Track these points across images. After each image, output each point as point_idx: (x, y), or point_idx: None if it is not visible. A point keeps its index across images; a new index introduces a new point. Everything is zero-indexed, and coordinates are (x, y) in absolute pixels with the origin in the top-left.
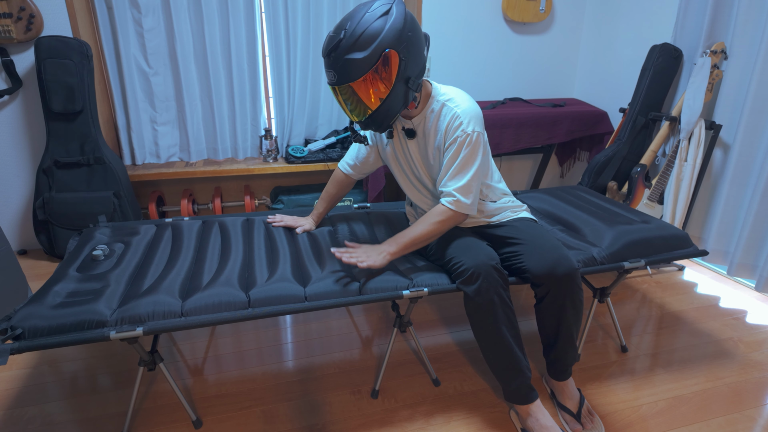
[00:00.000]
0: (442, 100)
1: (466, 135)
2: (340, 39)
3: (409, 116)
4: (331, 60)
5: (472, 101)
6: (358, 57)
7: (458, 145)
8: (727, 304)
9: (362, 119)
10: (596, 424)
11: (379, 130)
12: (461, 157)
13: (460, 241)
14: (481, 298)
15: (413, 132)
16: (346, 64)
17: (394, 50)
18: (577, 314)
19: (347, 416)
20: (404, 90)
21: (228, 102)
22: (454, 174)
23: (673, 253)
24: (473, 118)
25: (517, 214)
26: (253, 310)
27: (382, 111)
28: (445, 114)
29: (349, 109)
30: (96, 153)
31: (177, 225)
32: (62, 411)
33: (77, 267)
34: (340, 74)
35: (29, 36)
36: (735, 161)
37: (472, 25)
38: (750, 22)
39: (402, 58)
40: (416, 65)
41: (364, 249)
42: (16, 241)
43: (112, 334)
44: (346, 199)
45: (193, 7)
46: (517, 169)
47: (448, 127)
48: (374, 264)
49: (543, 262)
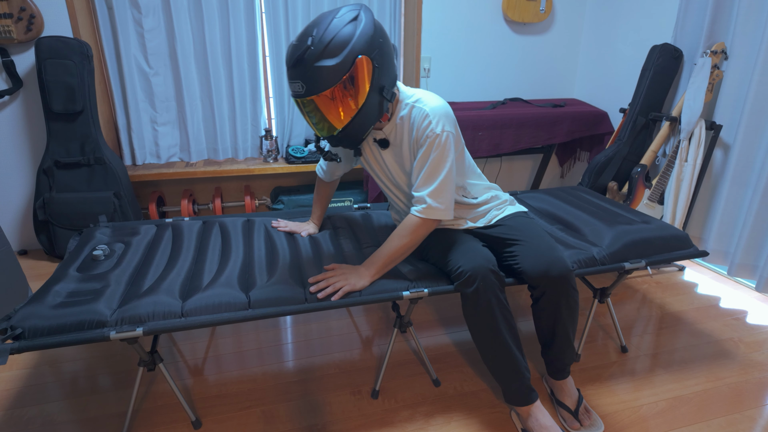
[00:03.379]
0: (411, 102)
1: (436, 135)
2: (307, 46)
3: (380, 126)
4: (298, 70)
5: (441, 100)
6: (329, 64)
7: (428, 147)
8: (728, 304)
9: (334, 134)
10: (594, 421)
11: (350, 146)
12: (431, 160)
13: (457, 244)
14: (478, 301)
15: (387, 142)
16: (316, 73)
17: (367, 56)
18: (573, 315)
19: (347, 416)
20: (378, 100)
21: (228, 102)
22: (426, 178)
23: (674, 254)
24: (442, 117)
25: (503, 212)
26: (253, 311)
27: (356, 124)
28: (415, 115)
29: (315, 124)
30: (96, 153)
31: (177, 225)
32: (62, 411)
33: (77, 267)
34: (310, 84)
35: (30, 36)
36: (735, 161)
37: (473, 26)
38: (750, 22)
39: (375, 65)
40: (389, 74)
41: (342, 271)
42: (16, 242)
43: (112, 334)
44: (346, 200)
45: (193, 8)
46: (517, 170)
47: (417, 128)
48: (354, 287)
49: (538, 263)
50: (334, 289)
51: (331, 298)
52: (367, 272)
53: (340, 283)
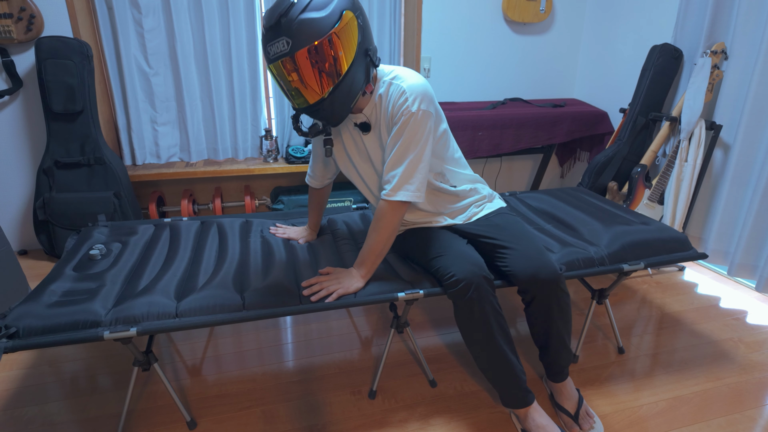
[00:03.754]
0: (388, 79)
1: (411, 114)
2: (291, 2)
3: (360, 107)
4: (282, 26)
5: (420, 77)
6: (317, 16)
7: (401, 125)
8: (728, 304)
9: (315, 103)
10: (594, 425)
11: (332, 120)
12: (403, 139)
13: (443, 247)
14: (473, 310)
15: (368, 125)
16: (303, 25)
17: (352, 13)
18: (565, 317)
19: (347, 416)
20: (366, 63)
21: (228, 102)
22: (396, 157)
23: (673, 256)
24: (419, 95)
25: (482, 209)
26: (247, 312)
27: (343, 88)
28: (392, 92)
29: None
30: (96, 153)
31: (175, 225)
32: (62, 411)
33: (74, 266)
34: (296, 38)
35: (30, 36)
36: (735, 161)
37: (473, 26)
38: (750, 22)
39: (360, 23)
40: (371, 37)
41: (336, 275)
42: (16, 242)
43: (105, 334)
44: (346, 200)
45: (193, 8)
46: (517, 170)
47: (393, 105)
48: (348, 290)
49: (527, 267)
50: (328, 293)
51: (324, 301)
52: (358, 273)
53: (333, 286)
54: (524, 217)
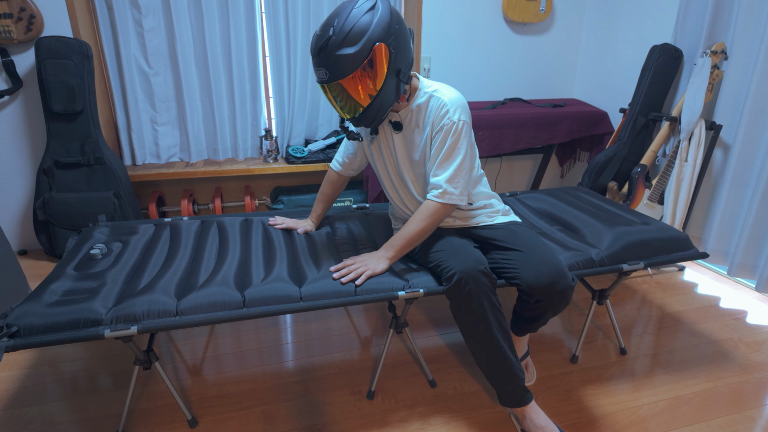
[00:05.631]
0: (429, 92)
1: (452, 123)
2: (329, 36)
3: (397, 109)
4: (321, 58)
5: (458, 93)
6: (350, 52)
7: (444, 133)
8: (728, 304)
9: (355, 116)
10: (531, 379)
11: (371, 126)
12: (447, 145)
13: (445, 244)
14: (471, 305)
15: (400, 125)
16: (338, 61)
17: (384, 43)
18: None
19: (347, 416)
20: (395, 82)
21: (228, 102)
22: (441, 162)
23: (673, 255)
24: (459, 107)
25: (493, 219)
26: (247, 310)
27: (375, 105)
28: (432, 105)
29: (340, 106)
30: (96, 153)
31: (175, 225)
32: (62, 411)
33: (74, 266)
34: (332, 71)
35: (30, 36)
36: (735, 161)
37: (473, 26)
38: (750, 22)
39: (392, 51)
40: (405, 57)
41: (362, 258)
42: (16, 242)
43: (106, 332)
44: (346, 199)
45: (193, 8)
46: (517, 170)
47: (435, 117)
48: (375, 271)
49: (541, 276)
50: (357, 275)
51: (355, 283)
52: (384, 255)
53: (361, 268)
54: (526, 219)
